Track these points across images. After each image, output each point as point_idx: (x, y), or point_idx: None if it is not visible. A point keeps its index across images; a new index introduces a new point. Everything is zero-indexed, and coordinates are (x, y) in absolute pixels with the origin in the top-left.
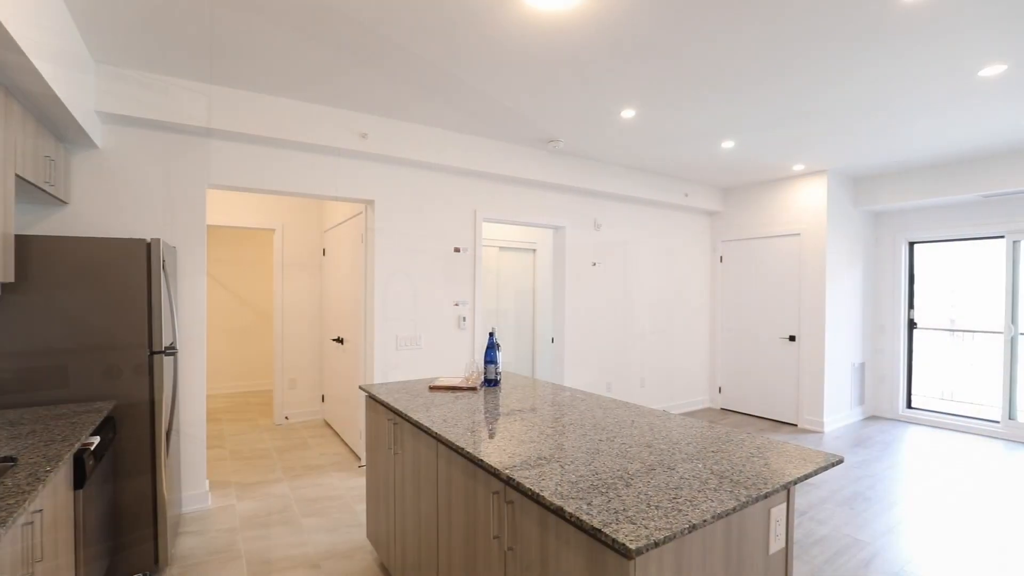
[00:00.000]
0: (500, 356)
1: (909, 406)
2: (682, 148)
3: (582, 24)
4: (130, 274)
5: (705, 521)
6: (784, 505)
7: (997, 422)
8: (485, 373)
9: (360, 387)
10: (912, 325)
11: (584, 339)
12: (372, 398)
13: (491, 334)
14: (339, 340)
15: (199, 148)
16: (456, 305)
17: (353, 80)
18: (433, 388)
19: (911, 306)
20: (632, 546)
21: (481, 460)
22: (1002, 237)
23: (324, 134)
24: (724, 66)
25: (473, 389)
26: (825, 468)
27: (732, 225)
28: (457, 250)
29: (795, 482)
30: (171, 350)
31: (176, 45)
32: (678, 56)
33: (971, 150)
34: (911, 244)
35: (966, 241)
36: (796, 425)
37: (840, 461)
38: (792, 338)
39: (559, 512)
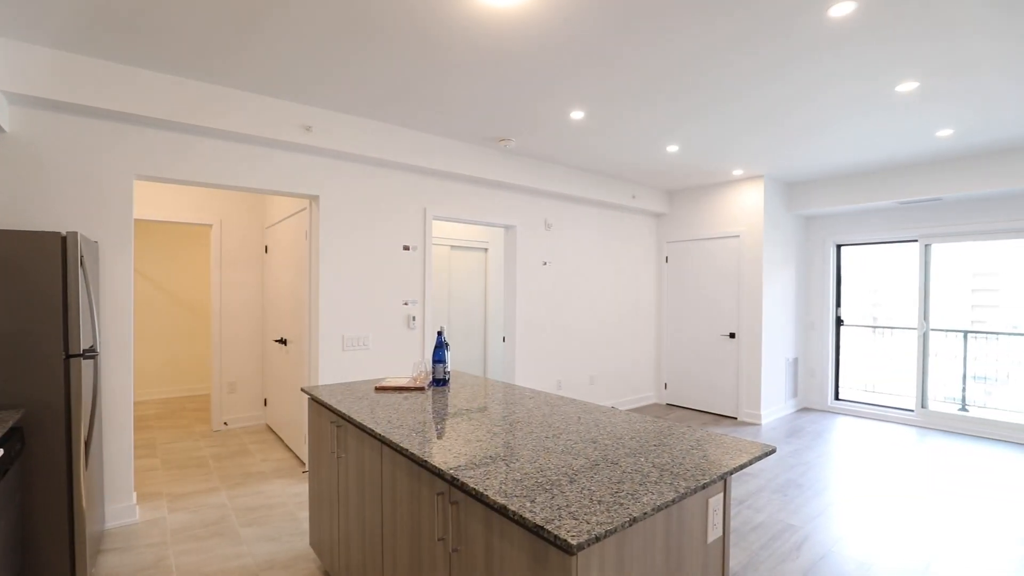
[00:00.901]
0: (449, 355)
1: (837, 398)
2: (629, 151)
3: (531, 24)
4: (43, 270)
5: (645, 514)
6: (721, 495)
7: (912, 411)
8: (433, 373)
9: (302, 389)
10: (839, 322)
11: (535, 338)
12: (315, 400)
13: (439, 333)
14: (282, 341)
15: (126, 136)
16: (406, 304)
17: (297, 70)
18: (379, 389)
19: (838, 304)
20: (573, 541)
21: (426, 461)
22: (915, 241)
23: (266, 125)
24: (667, 72)
25: (421, 389)
26: (759, 458)
27: (677, 227)
28: (407, 248)
29: (731, 472)
30: (91, 353)
31: (99, 21)
32: (624, 61)
33: (890, 160)
34: (838, 246)
35: (886, 244)
36: (736, 418)
37: (773, 451)
38: (732, 335)
39: (503, 511)
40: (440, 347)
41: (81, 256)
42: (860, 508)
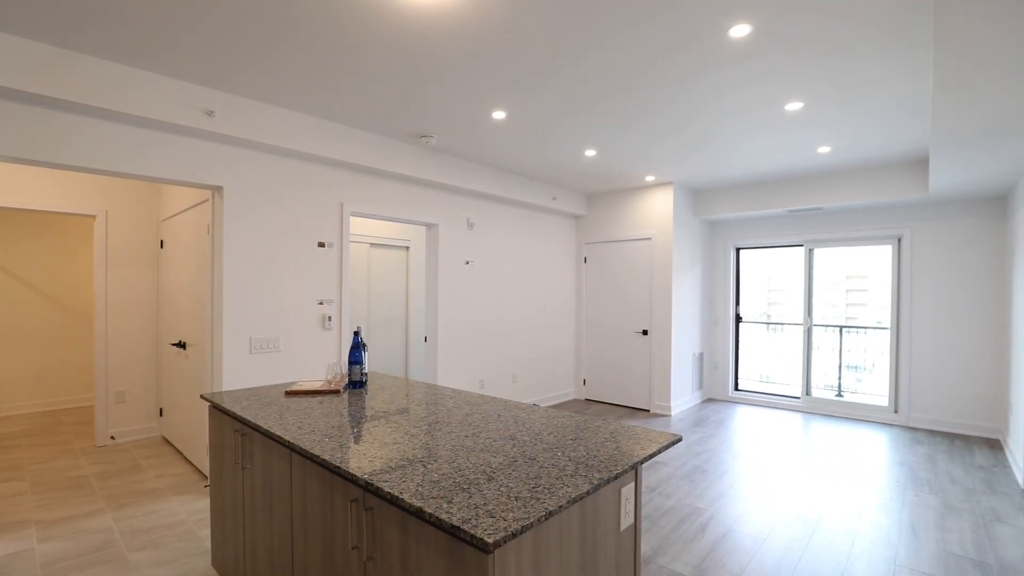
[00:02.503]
0: (367, 356)
1: (737, 389)
2: (550, 153)
3: (455, 21)
4: None
5: (561, 507)
6: (632, 484)
7: (799, 398)
8: (350, 375)
9: (202, 396)
10: (739, 319)
11: (457, 337)
12: (216, 408)
13: (356, 333)
14: (180, 345)
15: None
16: (321, 304)
17: (198, 50)
18: (290, 393)
19: (737, 303)
20: (490, 540)
21: (338, 467)
22: (801, 245)
23: (159, 107)
24: (584, 79)
25: (336, 392)
26: (667, 447)
27: (595, 228)
28: (322, 245)
29: (642, 462)
30: None
31: None
32: (544, 63)
33: (780, 172)
34: (737, 249)
35: (777, 248)
36: (648, 411)
37: (679, 440)
38: (645, 332)
39: (419, 514)
40: (357, 348)
41: None
42: (757, 487)
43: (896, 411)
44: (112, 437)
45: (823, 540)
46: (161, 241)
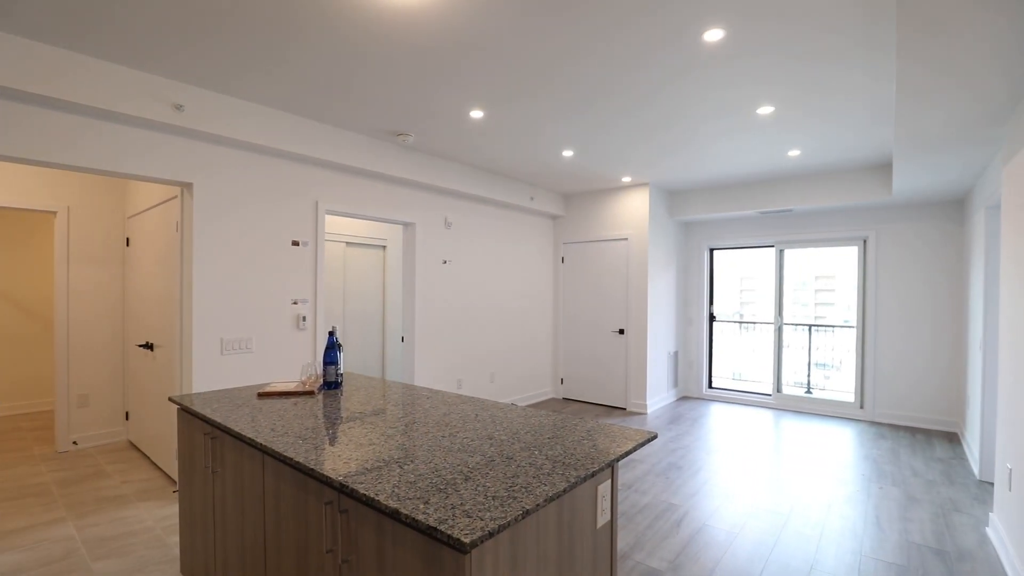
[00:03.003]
0: (342, 357)
1: (711, 386)
2: (528, 153)
3: (433, 18)
4: None
5: (538, 506)
6: (609, 481)
7: (770, 395)
8: (325, 375)
9: (170, 399)
10: (712, 318)
11: (435, 337)
12: (185, 410)
13: (331, 333)
14: (148, 346)
15: None
16: (295, 303)
17: (167, 41)
18: (263, 395)
19: (711, 302)
20: (467, 540)
21: (312, 470)
22: (772, 246)
23: (125, 100)
24: (562, 81)
25: (311, 393)
26: (642, 444)
27: (572, 228)
28: (296, 243)
29: (618, 459)
30: None
31: None
32: (522, 64)
33: (752, 175)
34: (711, 250)
35: (750, 248)
36: (625, 409)
37: (654, 437)
38: (622, 331)
39: (395, 515)
40: (332, 348)
41: None
42: (730, 483)
43: (862, 407)
44: (74, 442)
45: (793, 533)
46: (127, 239)
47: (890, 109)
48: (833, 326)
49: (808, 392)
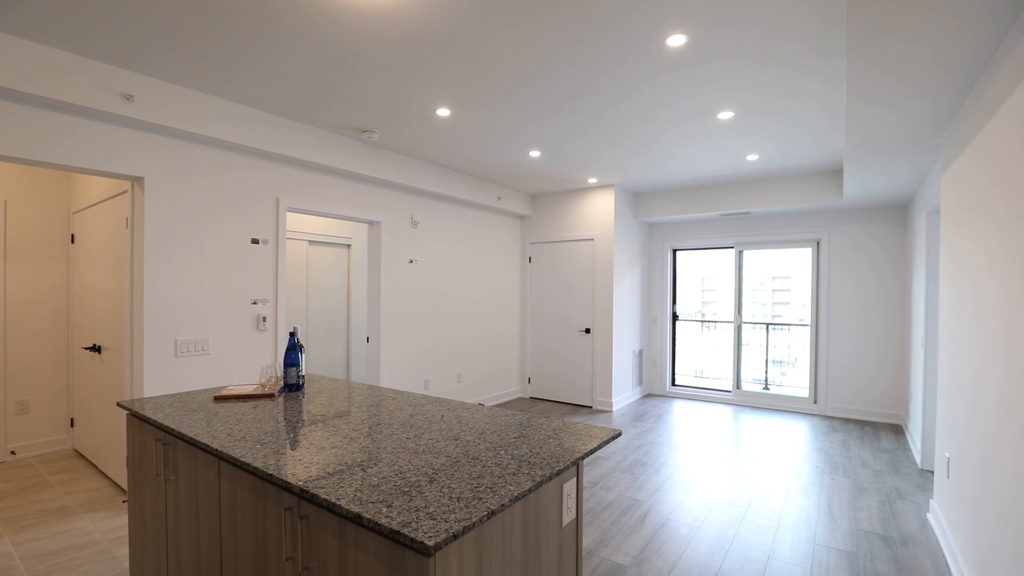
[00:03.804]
0: (304, 358)
1: (674, 384)
2: (495, 152)
3: (401, 14)
4: None
5: (503, 506)
6: (574, 480)
7: (730, 392)
8: (285, 378)
9: (119, 404)
10: (675, 318)
11: (401, 338)
12: (135, 416)
13: (292, 334)
14: (95, 348)
15: None
16: (255, 303)
17: (115, 27)
18: (219, 398)
19: (674, 302)
20: (431, 543)
21: (271, 475)
22: (732, 247)
23: (71, 89)
24: (531, 83)
25: (271, 396)
26: (607, 442)
27: (539, 229)
28: (256, 241)
29: (583, 457)
30: None
31: None
32: (490, 64)
33: (713, 178)
34: (674, 250)
35: (711, 249)
36: (591, 407)
37: (619, 435)
38: (588, 331)
39: (357, 520)
40: (293, 349)
41: None
42: (692, 478)
43: (815, 402)
44: (12, 452)
45: (752, 524)
46: (72, 235)
47: (843, 115)
48: (789, 324)
49: (766, 388)
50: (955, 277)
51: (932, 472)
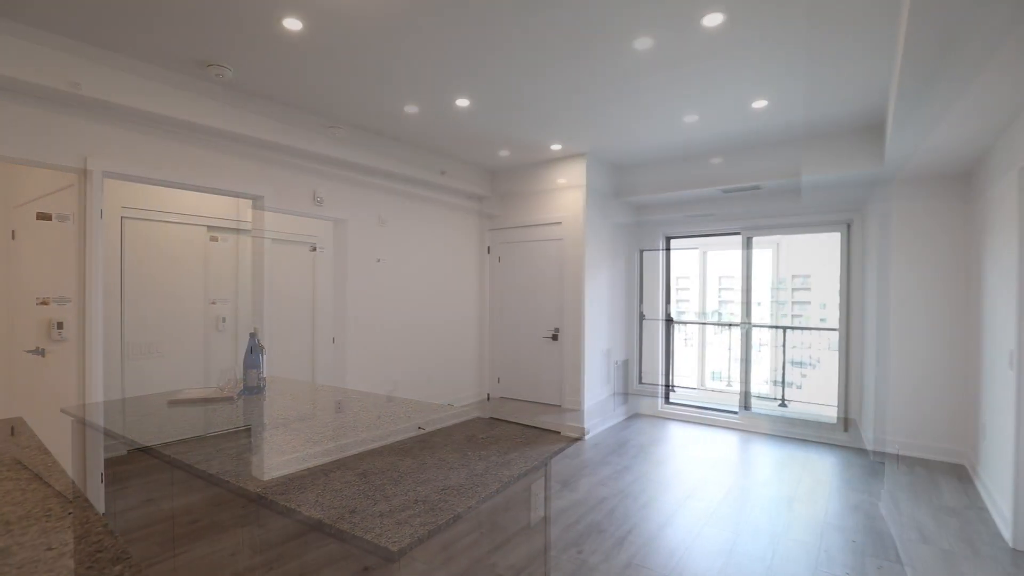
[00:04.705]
0: (264, 359)
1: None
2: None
3: None
4: None
5: (470, 508)
6: (543, 480)
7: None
8: (245, 380)
9: (62, 410)
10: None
11: (368, 338)
12: (81, 423)
13: (252, 335)
14: (38, 351)
15: None
16: (213, 303)
17: None
18: (174, 402)
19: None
20: (395, 548)
21: (228, 482)
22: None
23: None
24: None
25: (229, 399)
26: (573, 442)
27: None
28: (215, 239)
29: (551, 457)
30: None
31: None
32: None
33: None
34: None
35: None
36: (560, 406)
37: (582, 437)
38: (555, 336)
39: (319, 526)
40: (254, 351)
41: None
42: (653, 473)
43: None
44: None
45: None
46: (12, 232)
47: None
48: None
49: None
50: None
51: None
